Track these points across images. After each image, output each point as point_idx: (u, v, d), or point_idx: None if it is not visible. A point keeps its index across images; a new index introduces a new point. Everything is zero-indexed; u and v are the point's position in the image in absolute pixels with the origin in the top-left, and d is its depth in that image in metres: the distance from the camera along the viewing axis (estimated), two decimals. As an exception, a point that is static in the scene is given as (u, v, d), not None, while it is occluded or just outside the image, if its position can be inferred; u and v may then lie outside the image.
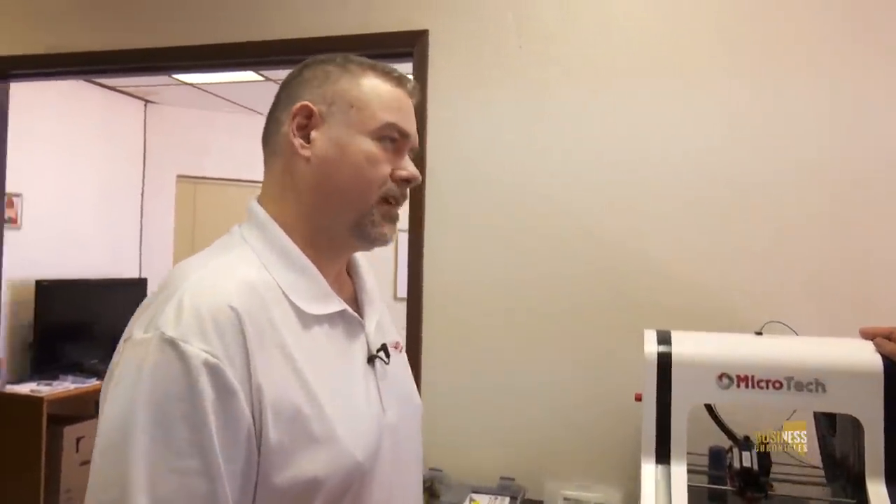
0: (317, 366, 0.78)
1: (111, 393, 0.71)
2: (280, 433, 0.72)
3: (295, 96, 0.85)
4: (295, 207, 0.84)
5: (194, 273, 0.76)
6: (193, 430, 0.67)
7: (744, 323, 1.36)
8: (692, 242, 1.63)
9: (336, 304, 0.84)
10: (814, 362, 1.19)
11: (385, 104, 0.84)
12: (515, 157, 1.77)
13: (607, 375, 1.67)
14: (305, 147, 0.83)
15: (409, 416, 0.93)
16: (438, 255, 1.82)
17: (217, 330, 0.70)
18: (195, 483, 0.67)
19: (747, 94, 1.61)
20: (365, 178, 0.83)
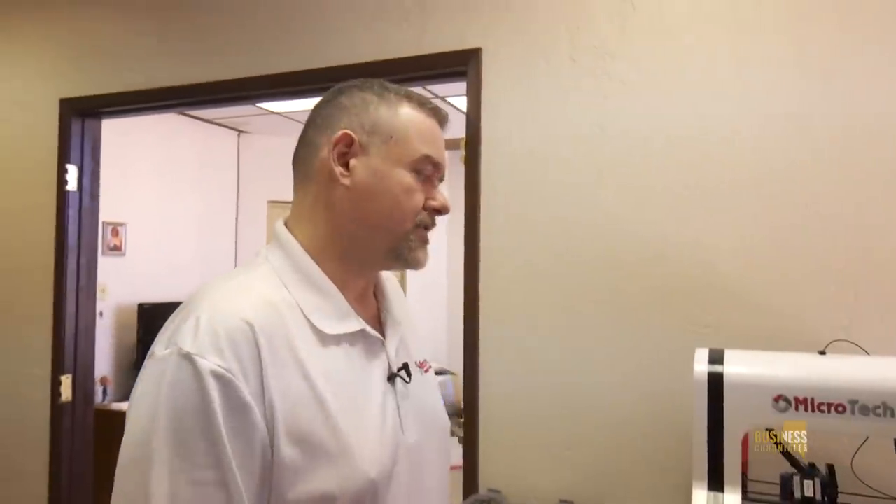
0: (333, 383, 0.79)
1: (133, 409, 0.75)
2: (292, 449, 0.74)
3: (333, 123, 0.87)
4: (326, 231, 0.86)
5: (214, 291, 0.79)
6: (209, 442, 0.70)
7: (808, 342, 1.27)
8: (755, 255, 1.54)
9: (356, 324, 0.85)
10: (881, 384, 1.11)
11: (422, 137, 0.87)
12: (571, 172, 1.75)
13: (670, 394, 1.60)
14: (346, 175, 0.85)
15: (433, 438, 0.93)
16: (494, 272, 1.82)
17: (232, 345, 0.73)
18: (213, 494, 0.70)
19: (822, 99, 1.52)
20: (402, 207, 0.85)
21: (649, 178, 1.66)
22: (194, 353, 0.71)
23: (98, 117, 2.44)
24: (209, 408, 0.70)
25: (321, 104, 0.90)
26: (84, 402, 2.37)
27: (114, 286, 3.93)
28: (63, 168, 2.35)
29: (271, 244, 0.89)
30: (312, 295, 0.83)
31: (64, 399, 2.33)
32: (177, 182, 4.66)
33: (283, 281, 0.83)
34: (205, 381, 0.70)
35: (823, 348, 1.24)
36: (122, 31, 2.37)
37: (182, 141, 4.73)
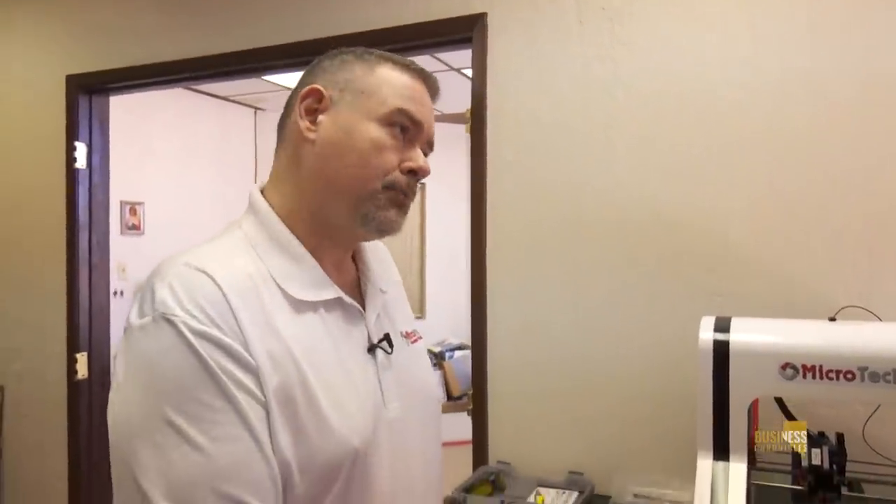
0: (308, 351, 0.77)
1: (119, 385, 0.72)
2: (277, 409, 0.72)
3: (307, 82, 0.85)
4: (297, 193, 0.83)
5: (184, 258, 0.76)
6: (217, 396, 0.69)
7: (819, 308, 1.23)
8: (766, 220, 1.49)
9: (331, 292, 0.82)
10: (892, 350, 1.07)
11: (396, 91, 0.82)
12: (580, 137, 1.71)
13: (679, 365, 1.57)
14: (311, 130, 0.82)
15: (419, 411, 0.90)
16: (501, 244, 1.80)
17: (210, 306, 0.71)
18: (238, 444, 0.68)
19: (833, 63, 1.46)
20: (369, 164, 0.81)
21: (660, 143, 1.62)
22: (178, 314, 0.70)
23: (105, 93, 2.44)
24: (206, 364, 0.69)
25: (306, 72, 0.88)
26: (101, 380, 2.41)
27: (133, 265, 3.97)
28: (72, 146, 2.37)
29: (244, 213, 0.86)
30: (284, 261, 0.81)
31: (80, 376, 2.37)
32: (195, 161, 4.68)
33: (254, 248, 0.81)
34: (193, 340, 0.69)
35: (834, 315, 1.19)
36: (126, 5, 2.36)
37: (199, 119, 4.75)
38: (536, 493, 1.63)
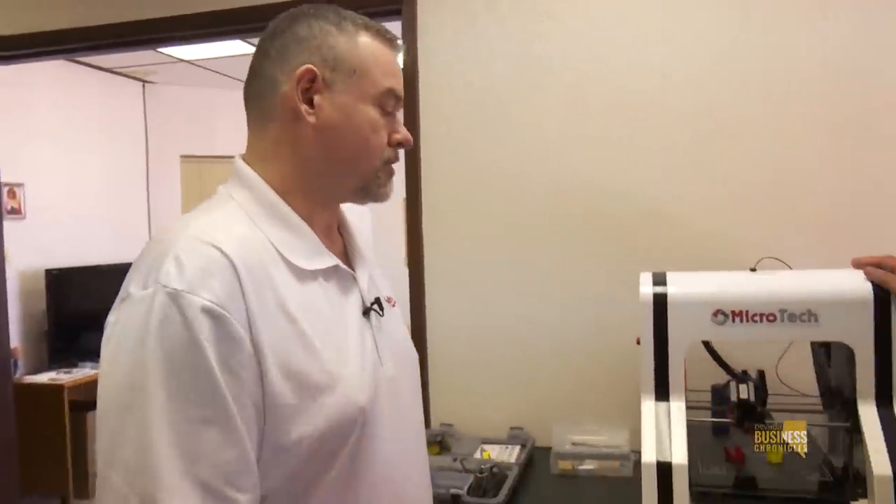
0: (313, 319, 0.79)
1: (114, 353, 0.72)
2: (283, 385, 0.73)
3: (291, 56, 0.83)
4: (293, 168, 0.84)
5: (187, 230, 0.76)
6: (205, 379, 0.68)
7: (739, 261, 1.38)
8: (688, 185, 1.65)
9: (329, 260, 0.85)
10: (806, 294, 1.22)
11: (383, 70, 0.85)
12: (512, 110, 1.78)
13: (608, 320, 1.70)
14: (311, 113, 0.83)
15: (407, 369, 0.95)
16: (437, 212, 1.85)
17: (219, 281, 0.71)
18: (214, 431, 0.68)
19: (746, 33, 1.61)
20: (370, 145, 0.85)
21: (587, 115, 1.72)
22: (182, 289, 0.69)
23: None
24: (202, 345, 0.69)
25: (273, 34, 0.86)
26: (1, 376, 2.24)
27: (16, 252, 3.67)
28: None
29: (231, 182, 0.86)
30: (283, 231, 0.82)
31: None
32: (80, 138, 4.37)
33: (251, 218, 0.81)
34: (196, 317, 0.69)
35: (754, 265, 1.34)
36: (16, -33, 2.17)
37: (82, 93, 4.42)
38: (481, 449, 1.71)
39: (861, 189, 1.55)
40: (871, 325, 1.17)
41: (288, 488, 0.76)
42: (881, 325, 1.17)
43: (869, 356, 1.18)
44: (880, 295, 1.17)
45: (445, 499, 1.37)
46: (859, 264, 1.23)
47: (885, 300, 1.17)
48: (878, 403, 1.17)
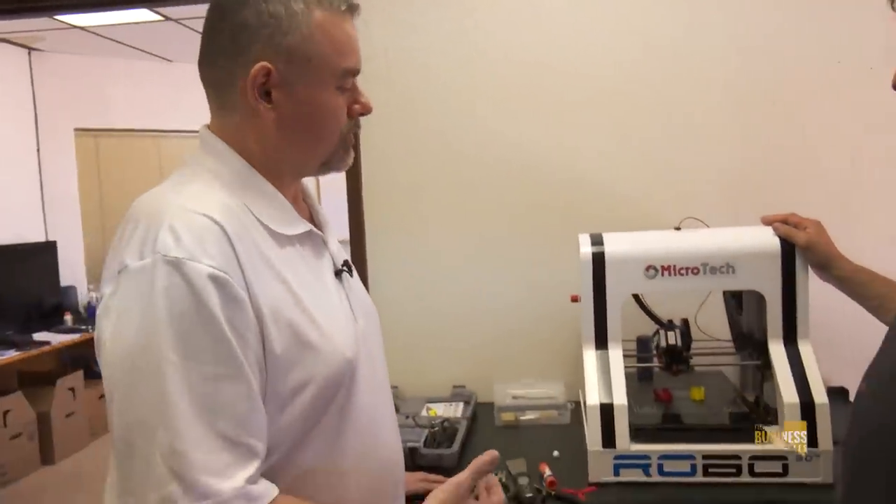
0: (299, 280, 0.84)
1: (117, 323, 0.74)
2: (281, 341, 0.78)
3: (244, 48, 0.82)
4: (257, 150, 0.87)
5: (173, 200, 0.79)
6: (215, 339, 0.72)
7: (664, 221, 1.52)
8: (615, 153, 1.78)
9: (303, 225, 0.90)
10: (724, 249, 1.37)
11: (339, 49, 0.85)
12: (450, 84, 1.83)
13: (542, 281, 1.82)
14: (269, 109, 0.84)
15: (374, 327, 1.02)
16: (376, 179, 1.89)
17: (215, 246, 0.75)
18: (228, 386, 0.73)
19: (666, 9, 1.74)
20: (331, 128, 0.88)
21: (519, 89, 1.81)
22: (182, 257, 0.72)
23: None
24: (208, 307, 0.72)
25: (223, 16, 0.84)
26: None
27: None
28: None
29: (200, 153, 0.88)
30: (259, 199, 0.86)
31: None
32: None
33: (227, 187, 0.84)
34: (199, 283, 0.72)
35: (678, 225, 1.48)
36: None
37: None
38: (427, 408, 1.79)
39: (767, 153, 1.73)
40: (780, 274, 1.34)
41: (287, 439, 0.81)
42: (788, 274, 1.34)
43: (777, 302, 1.35)
44: (786, 248, 1.34)
45: (404, 452, 1.44)
46: (768, 221, 1.39)
47: (790, 252, 1.34)
48: (786, 342, 1.34)
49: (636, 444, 1.32)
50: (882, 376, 0.85)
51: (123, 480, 0.72)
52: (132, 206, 0.82)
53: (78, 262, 4.86)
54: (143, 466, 0.70)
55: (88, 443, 4.32)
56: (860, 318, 1.25)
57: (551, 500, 1.29)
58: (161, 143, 4.97)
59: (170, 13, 3.92)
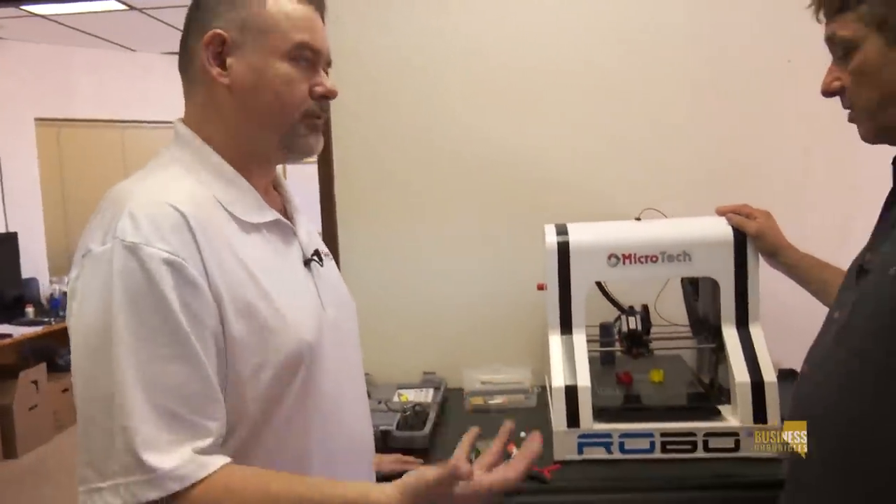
0: (262, 266, 0.87)
1: (80, 304, 0.78)
2: (239, 324, 0.81)
3: (205, 26, 0.88)
4: (222, 129, 0.90)
5: (137, 189, 0.82)
6: (165, 321, 0.76)
7: (626, 212, 1.59)
8: (580, 147, 1.84)
9: (270, 214, 0.93)
10: (681, 238, 1.45)
11: (295, 24, 0.89)
12: (420, 79, 1.87)
13: (509, 270, 1.87)
14: (223, 75, 0.88)
15: (347, 316, 1.05)
16: (348, 169, 1.92)
17: (172, 232, 0.78)
18: (176, 367, 0.76)
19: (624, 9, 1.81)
20: (284, 99, 0.89)
21: (489, 82, 1.86)
22: (140, 242, 0.76)
23: None
24: (161, 290, 0.75)
25: (193, 7, 0.91)
26: None
27: None
28: None
29: (174, 144, 0.92)
30: (227, 188, 0.89)
31: None
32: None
33: (196, 177, 0.88)
34: (153, 266, 0.75)
35: (638, 216, 1.55)
36: None
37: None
38: (398, 393, 1.84)
39: (723, 148, 1.82)
40: (732, 261, 1.42)
41: (250, 418, 0.84)
42: (740, 262, 1.42)
43: (730, 287, 1.43)
44: (738, 237, 1.42)
45: (376, 435, 1.49)
46: (722, 212, 1.47)
47: (742, 241, 1.42)
48: (738, 325, 1.43)
49: (599, 424, 1.39)
50: (819, 359, 0.93)
51: (86, 452, 0.76)
52: (105, 194, 0.85)
53: (40, 253, 4.77)
54: (101, 439, 0.74)
55: (52, 436, 4.27)
56: (809, 303, 1.32)
57: (518, 478, 1.35)
58: (125, 134, 4.90)
59: (134, 2, 3.87)
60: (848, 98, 0.91)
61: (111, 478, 0.72)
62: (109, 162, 4.77)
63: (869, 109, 0.89)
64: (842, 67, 0.91)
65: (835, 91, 0.93)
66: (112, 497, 0.72)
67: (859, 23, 0.86)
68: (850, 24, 0.87)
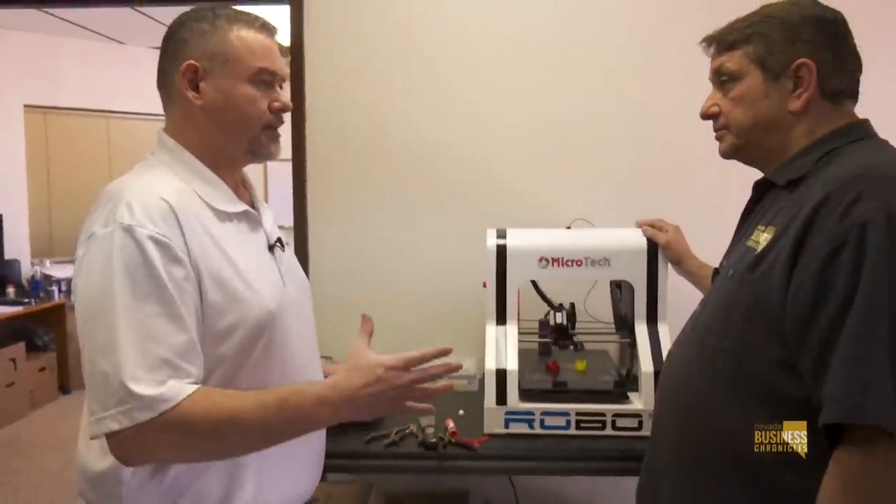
0: (233, 248, 1.07)
1: (86, 276, 0.97)
2: (214, 293, 1.01)
3: (179, 55, 1.07)
4: (196, 138, 1.11)
5: (131, 185, 1.03)
6: (156, 286, 0.95)
7: (559, 220, 1.81)
8: (524, 162, 2.07)
9: (240, 206, 1.13)
10: (602, 245, 1.67)
11: (254, 53, 1.09)
12: (385, 87, 2.09)
13: (459, 268, 2.09)
14: (198, 98, 1.09)
15: (305, 297, 1.26)
16: (319, 172, 2.12)
17: (161, 218, 0.98)
18: (164, 323, 0.95)
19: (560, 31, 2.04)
20: (248, 115, 1.10)
21: (443, 97, 2.08)
22: (134, 224, 0.96)
23: None
24: (152, 263, 0.96)
25: (168, 37, 1.11)
26: None
27: None
28: None
29: (158, 150, 1.13)
30: (204, 185, 1.10)
31: None
32: None
33: (179, 176, 1.08)
34: (146, 244, 0.96)
35: (569, 224, 1.78)
36: None
37: None
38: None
39: (643, 167, 2.05)
40: (645, 267, 1.65)
41: (224, 366, 1.04)
42: (651, 268, 1.65)
43: (643, 290, 1.65)
44: (651, 246, 1.65)
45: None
46: (640, 224, 1.70)
47: (654, 250, 1.65)
48: (648, 323, 1.65)
49: (523, 403, 1.60)
50: (679, 342, 1.16)
51: (92, 390, 0.95)
52: (104, 189, 1.05)
53: (23, 236, 4.90)
54: (103, 381, 0.93)
55: (27, 413, 4.40)
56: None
57: (451, 446, 1.57)
58: (111, 124, 5.04)
59: None
60: (724, 118, 1.11)
61: (111, 408, 0.92)
62: (94, 150, 4.90)
63: (742, 128, 1.09)
64: (720, 95, 1.12)
65: (712, 114, 1.14)
66: (112, 422, 0.92)
67: (745, 59, 1.06)
68: (737, 60, 1.07)
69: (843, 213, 0.88)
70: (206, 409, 0.95)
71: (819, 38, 1.03)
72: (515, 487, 2.07)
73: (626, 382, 1.72)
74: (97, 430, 0.93)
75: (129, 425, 0.91)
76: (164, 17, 4.47)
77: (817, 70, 1.02)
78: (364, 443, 1.60)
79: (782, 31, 1.04)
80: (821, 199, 0.91)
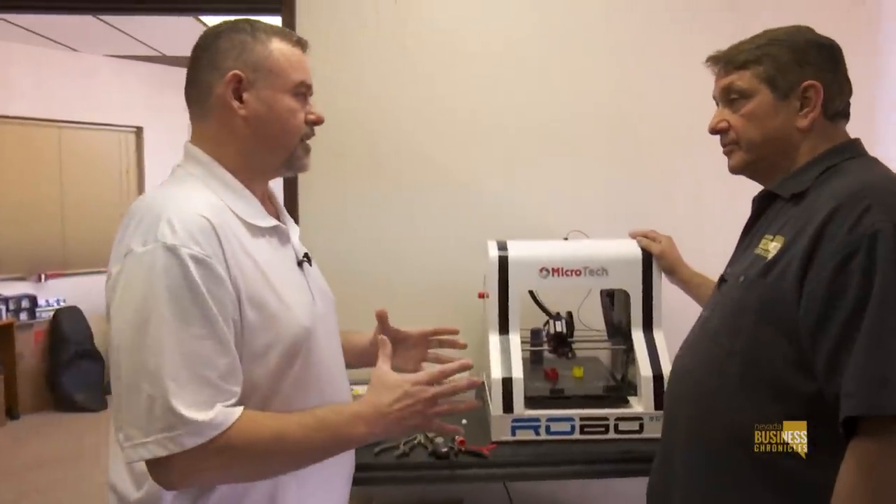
0: (269, 264, 1.06)
1: (123, 295, 0.95)
2: (252, 312, 1.01)
3: (220, 64, 1.07)
4: (234, 150, 1.10)
5: (166, 201, 1.01)
6: (199, 307, 0.94)
7: (556, 231, 1.87)
8: (518, 175, 2.13)
9: (271, 221, 1.13)
10: (600, 255, 1.73)
11: (294, 66, 1.11)
12: (379, 102, 2.12)
13: (456, 279, 2.12)
14: (241, 108, 1.08)
15: (330, 307, 1.26)
16: (315, 197, 2.13)
17: (203, 236, 0.97)
18: (207, 343, 0.95)
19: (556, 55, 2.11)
20: (290, 127, 1.11)
21: (436, 109, 2.12)
22: (178, 244, 0.95)
23: None
24: (196, 283, 0.95)
25: (203, 47, 1.10)
26: None
27: None
28: None
29: (187, 163, 1.11)
30: (237, 199, 1.09)
31: None
32: None
33: (212, 190, 1.07)
34: (189, 264, 0.95)
35: (566, 236, 1.84)
36: None
37: None
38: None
39: (636, 181, 2.14)
40: (641, 276, 1.72)
41: (262, 386, 1.04)
42: (646, 277, 1.72)
43: (639, 298, 1.72)
44: (646, 256, 1.73)
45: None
46: (633, 235, 1.78)
47: (648, 259, 1.72)
48: (644, 330, 1.72)
49: (529, 410, 1.65)
50: (689, 344, 1.22)
51: (128, 414, 0.93)
52: (133, 205, 1.04)
53: (-32, 251, 4.67)
54: (147, 403, 0.91)
55: (0, 426, 4.22)
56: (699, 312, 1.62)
57: (463, 455, 1.60)
58: (63, 134, 4.86)
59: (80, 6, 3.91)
60: (734, 134, 1.18)
61: (155, 433, 0.91)
62: (45, 161, 4.70)
63: (753, 144, 1.16)
64: (729, 111, 1.18)
65: (720, 130, 1.20)
66: (158, 448, 0.90)
67: (755, 78, 1.13)
68: (748, 79, 1.14)
69: (853, 224, 0.96)
70: (253, 433, 0.96)
71: (824, 62, 1.12)
72: (510, 492, 2.12)
73: (622, 387, 1.79)
74: (136, 454, 0.92)
75: (177, 451, 0.91)
76: (123, 24, 4.36)
77: (823, 91, 1.10)
78: (374, 455, 1.61)
79: (791, 54, 1.12)
80: (831, 210, 0.99)
